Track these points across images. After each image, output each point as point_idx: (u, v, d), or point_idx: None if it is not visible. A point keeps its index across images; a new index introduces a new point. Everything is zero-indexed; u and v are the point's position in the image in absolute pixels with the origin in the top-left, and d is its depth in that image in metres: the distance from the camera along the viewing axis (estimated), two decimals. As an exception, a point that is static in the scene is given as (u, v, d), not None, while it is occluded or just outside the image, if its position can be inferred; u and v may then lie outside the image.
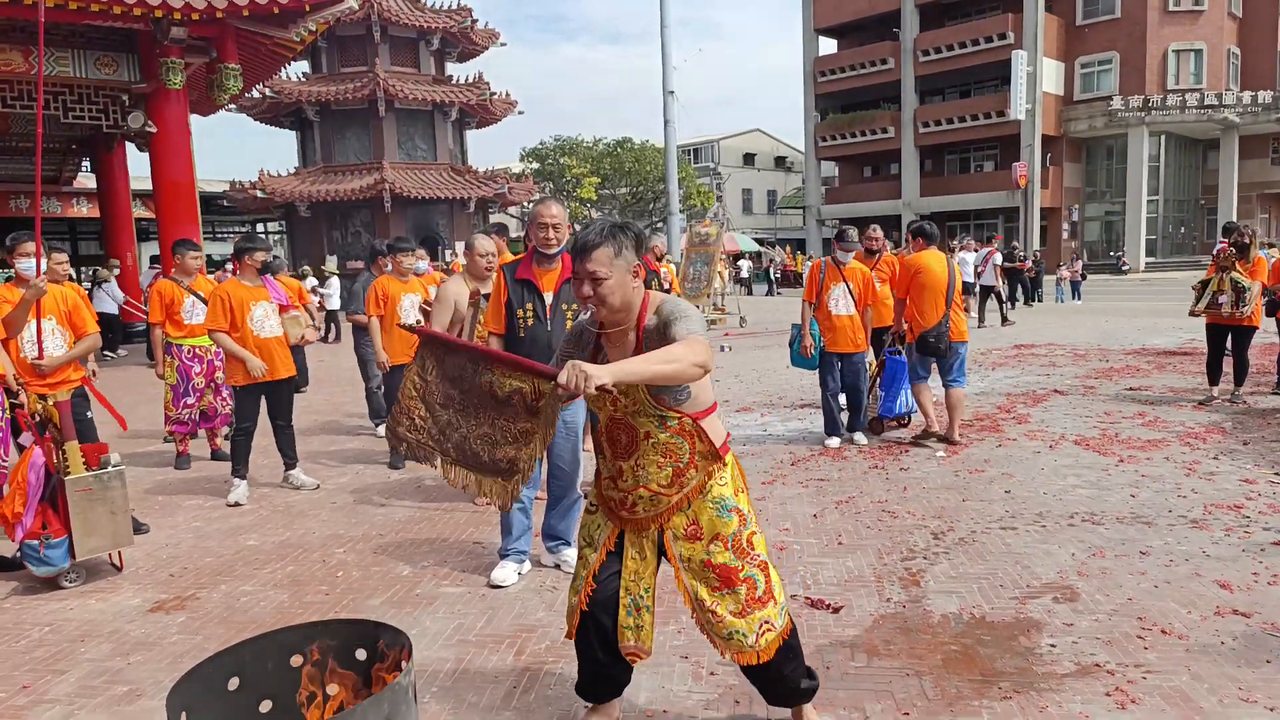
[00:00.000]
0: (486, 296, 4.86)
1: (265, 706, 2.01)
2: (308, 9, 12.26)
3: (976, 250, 16.37)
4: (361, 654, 2.05)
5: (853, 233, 6.58)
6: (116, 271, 15.47)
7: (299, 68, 23.22)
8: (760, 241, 44.01)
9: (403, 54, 23.14)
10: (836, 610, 3.47)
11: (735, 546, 2.30)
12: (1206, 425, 6.62)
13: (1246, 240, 7.18)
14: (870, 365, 6.84)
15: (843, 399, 6.63)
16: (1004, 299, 16.18)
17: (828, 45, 42.74)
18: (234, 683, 1.96)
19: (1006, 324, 15.14)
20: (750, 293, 29.93)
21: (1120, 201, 36.72)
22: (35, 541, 3.95)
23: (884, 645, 3.16)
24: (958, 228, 37.72)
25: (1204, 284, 7.39)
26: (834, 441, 6.44)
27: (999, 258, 16.36)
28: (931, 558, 4.03)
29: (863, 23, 39.81)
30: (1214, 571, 3.71)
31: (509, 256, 5.26)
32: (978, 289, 15.59)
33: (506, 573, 3.95)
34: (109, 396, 4.90)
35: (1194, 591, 3.51)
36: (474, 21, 23.80)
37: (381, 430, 7.56)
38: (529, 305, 3.86)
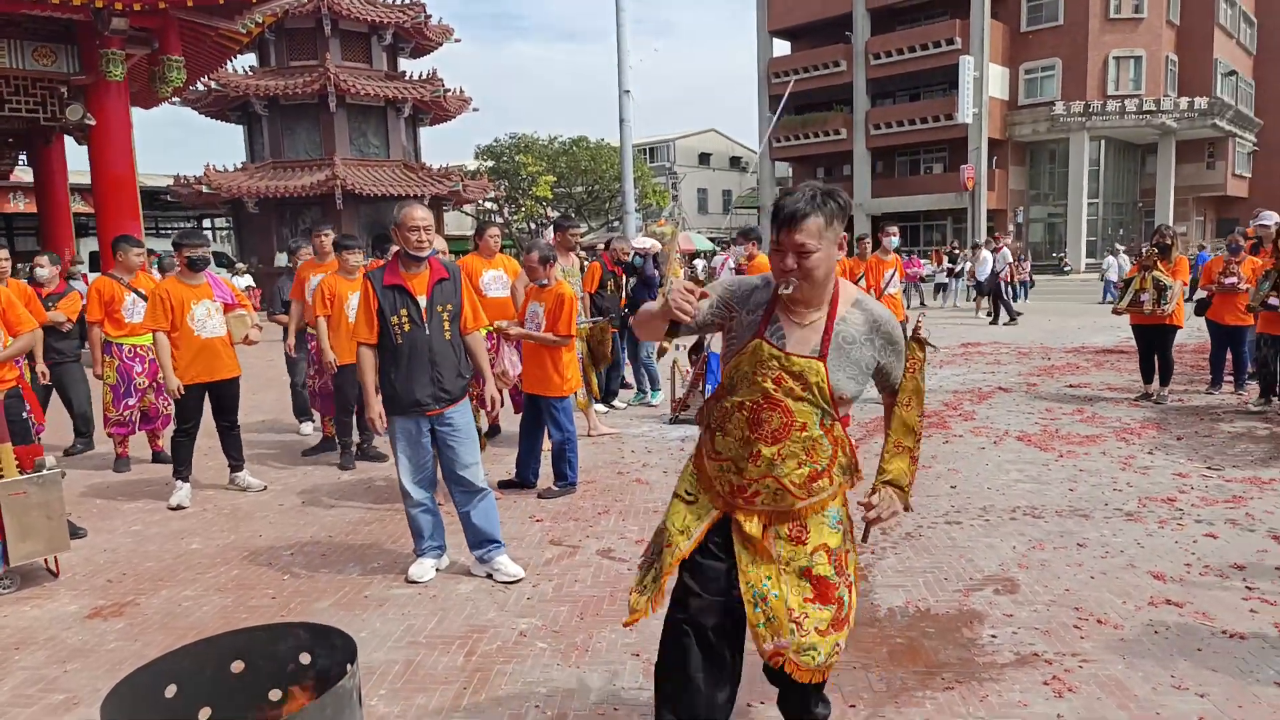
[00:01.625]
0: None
1: (204, 714, 1.97)
2: (254, 1, 11.99)
3: (999, 250, 16.76)
4: (305, 658, 2.02)
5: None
6: (84, 267, 15.09)
7: (246, 60, 22.68)
8: (715, 241, 44.24)
9: (354, 48, 22.75)
10: (786, 606, 3.51)
11: (836, 562, 2.17)
12: (1141, 421, 6.85)
13: (1168, 241, 7.47)
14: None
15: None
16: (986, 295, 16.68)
17: (782, 47, 43.14)
18: (171, 690, 1.92)
19: (1006, 322, 15.51)
20: (706, 292, 30.06)
21: (1062, 204, 37.74)
22: (-36, 548, 3.81)
23: (832, 639, 3.20)
24: (908, 228, 38.42)
25: (1127, 283, 7.66)
26: None
27: (1007, 255, 16.91)
28: (879, 552, 4.10)
29: (816, 25, 40.25)
30: (1148, 563, 3.85)
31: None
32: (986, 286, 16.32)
33: (424, 569, 3.96)
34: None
35: (1129, 582, 3.63)
36: (427, 17, 23.50)
37: (306, 428, 7.43)
38: (403, 311, 3.79)
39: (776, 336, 2.10)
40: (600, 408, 7.74)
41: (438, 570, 4.02)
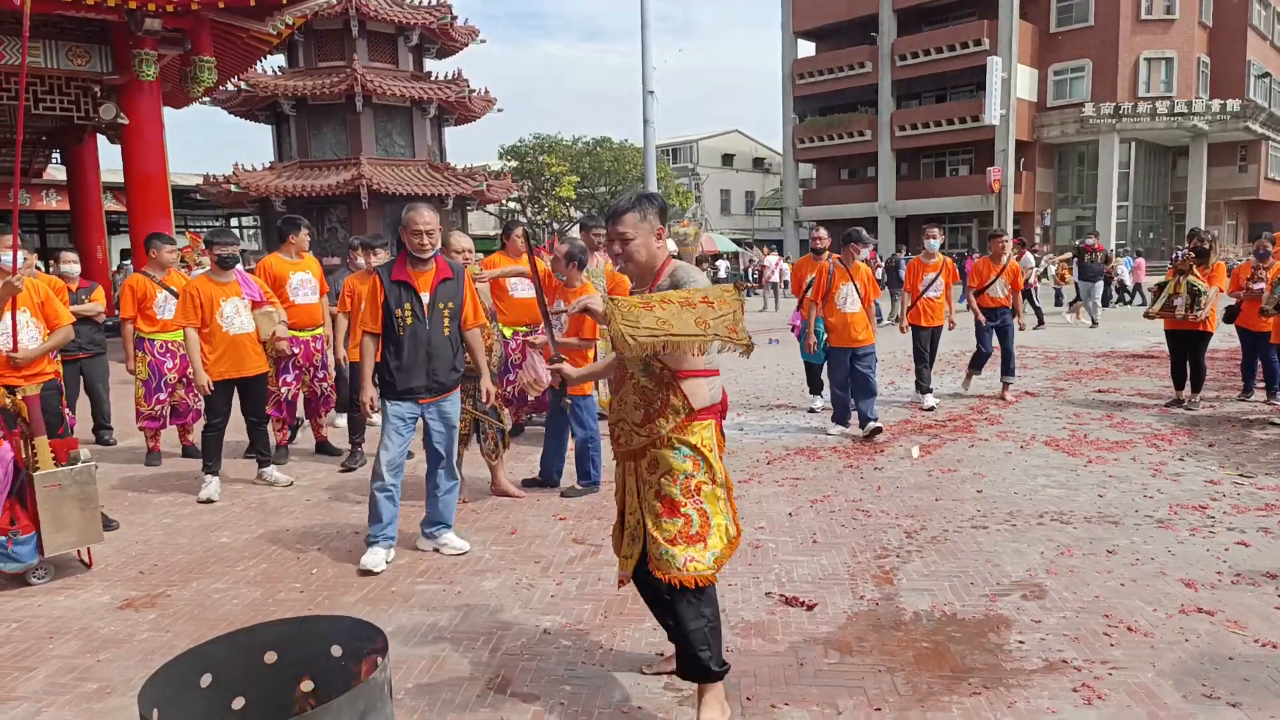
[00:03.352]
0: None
1: (238, 704, 1.99)
2: (284, 2, 12.13)
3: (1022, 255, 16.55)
4: (337, 650, 2.05)
5: (866, 233, 7.08)
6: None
7: (275, 61, 22.94)
8: (738, 242, 44.19)
9: (381, 49, 22.92)
10: (810, 608, 3.51)
11: (684, 487, 2.55)
12: (1172, 427, 6.75)
13: (1206, 246, 7.32)
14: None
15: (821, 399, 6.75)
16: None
17: (806, 48, 42.97)
18: (206, 679, 1.94)
19: (1035, 326, 15.34)
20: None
21: (1091, 207, 37.26)
22: (3, 537, 3.89)
23: (857, 642, 3.19)
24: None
25: (1161, 286, 7.54)
26: (836, 429, 6.83)
27: (1030, 259, 16.69)
28: (904, 556, 4.08)
29: (841, 26, 40.05)
30: (1179, 570, 3.79)
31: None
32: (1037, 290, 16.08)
33: (377, 558, 4.11)
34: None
35: (1159, 590, 3.58)
36: (453, 18, 23.61)
37: (341, 421, 7.50)
38: (407, 305, 4.06)
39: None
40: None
41: (388, 562, 4.17)
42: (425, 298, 4.08)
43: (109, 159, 16.01)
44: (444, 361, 4.13)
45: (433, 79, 23.82)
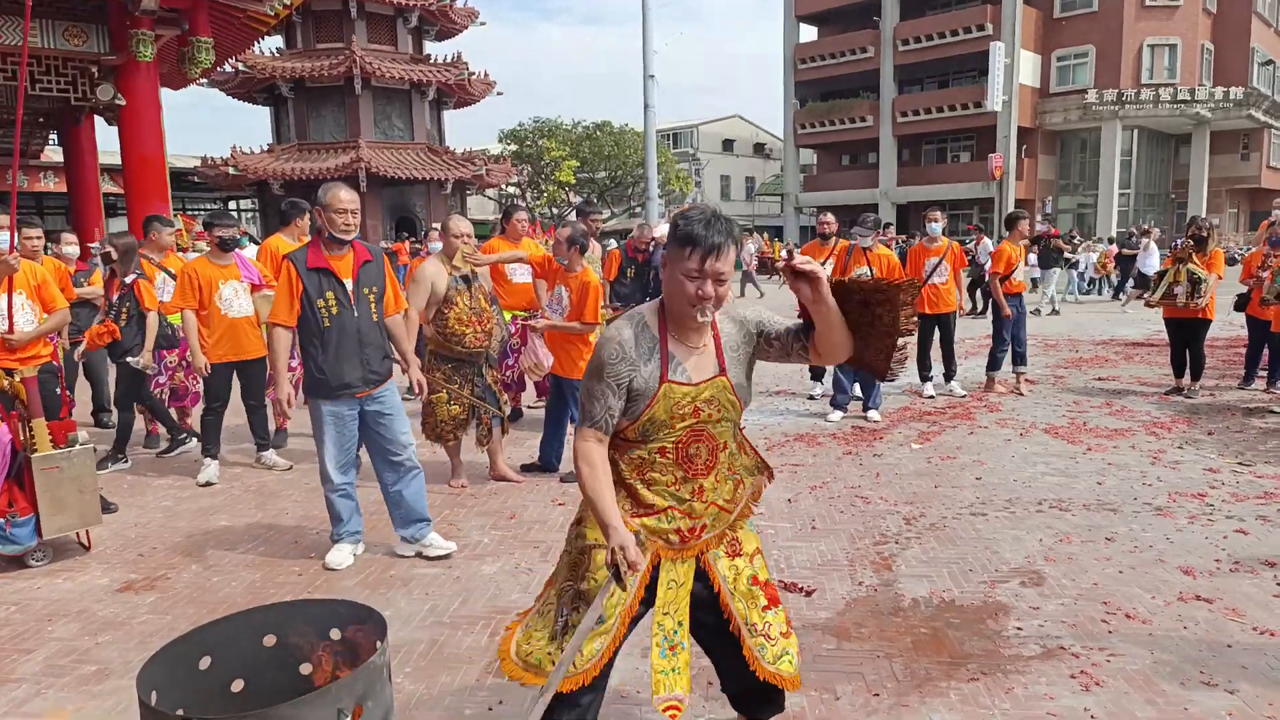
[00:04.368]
0: (464, 278, 4.85)
1: (237, 686, 1.99)
2: (283, -18, 12.02)
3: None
4: (335, 634, 2.04)
5: (872, 218, 6.96)
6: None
7: (273, 43, 22.78)
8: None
9: (380, 31, 22.77)
10: (809, 594, 3.51)
11: (766, 561, 2.25)
12: (1172, 415, 6.75)
13: (1204, 234, 7.29)
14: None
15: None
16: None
17: (809, 33, 42.69)
18: (205, 662, 1.94)
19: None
20: (728, 279, 29.92)
21: (1093, 194, 37.14)
22: (1, 520, 3.89)
23: (855, 628, 3.20)
24: (934, 218, 37.96)
25: (1161, 275, 7.51)
26: (836, 415, 6.86)
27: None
28: (903, 542, 4.08)
29: (844, 10, 39.78)
30: (1177, 558, 3.80)
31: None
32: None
33: (343, 555, 3.97)
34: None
35: (1158, 577, 3.59)
36: (453, 0, 23.48)
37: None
38: (329, 294, 3.76)
39: (681, 373, 2.04)
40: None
41: (355, 556, 4.02)
42: (349, 284, 3.78)
43: (107, 141, 15.92)
44: (376, 350, 3.86)
45: (432, 62, 23.69)
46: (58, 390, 4.68)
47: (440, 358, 4.95)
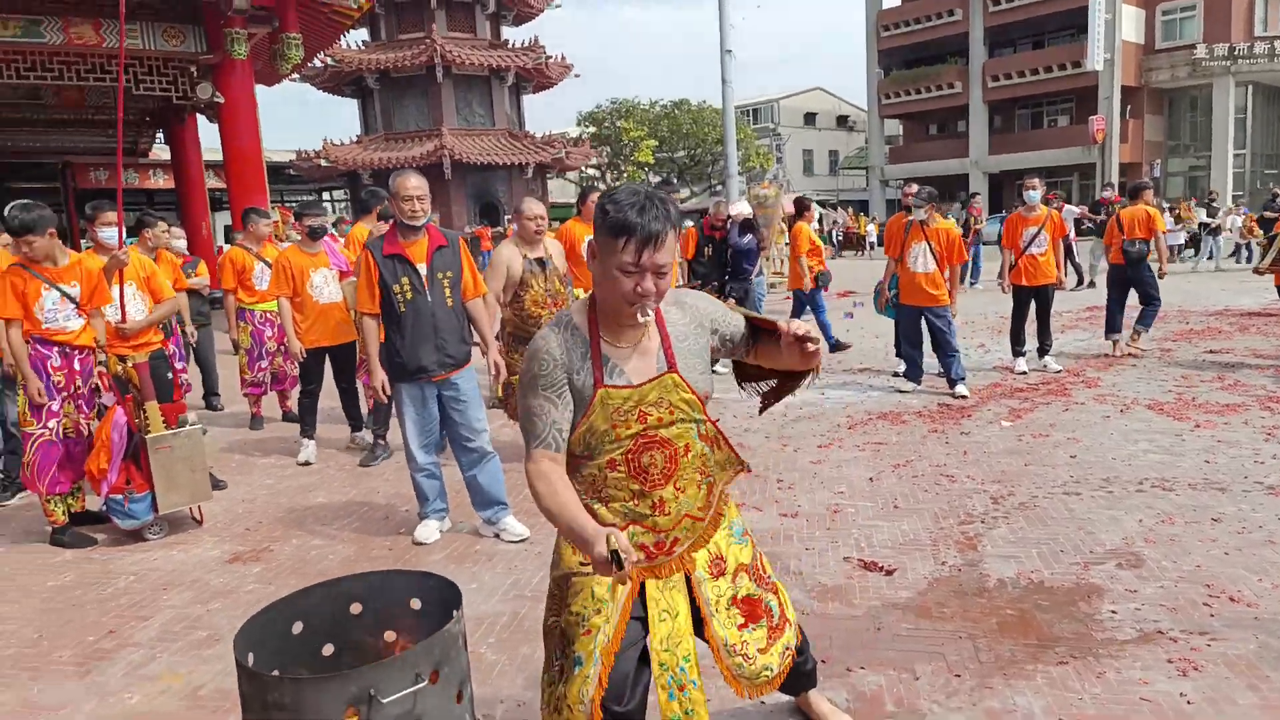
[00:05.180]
0: (538, 260, 4.91)
1: (327, 650, 2.10)
2: (365, -24, 12.36)
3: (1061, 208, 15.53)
4: (416, 604, 2.13)
5: (926, 189, 6.82)
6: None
7: (358, 36, 23.45)
8: (821, 204, 43.07)
9: (459, 19, 23.16)
10: (890, 573, 3.45)
11: (755, 574, 2.06)
12: (1290, 389, 6.31)
13: None
14: None
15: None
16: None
17: (892, -1, 41.32)
18: (298, 627, 2.06)
19: (1075, 287, 14.47)
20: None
21: (1205, 155, 34.84)
22: (120, 496, 4.18)
23: (937, 608, 3.13)
24: (1029, 186, 36.32)
25: (1271, 239, 7.00)
26: (909, 386, 6.84)
27: (1072, 211, 15.53)
28: (990, 522, 3.96)
29: (930, -28, 38.29)
30: (1291, 539, 3.57)
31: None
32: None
33: (430, 530, 4.10)
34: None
35: (1266, 559, 3.38)
36: (529, -16, 23.69)
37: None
38: (404, 280, 3.84)
39: (618, 375, 1.84)
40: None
41: (442, 532, 4.14)
42: (422, 269, 3.85)
43: (209, 138, 16.73)
44: (452, 334, 3.91)
45: (510, 47, 23.95)
46: (169, 375, 5.00)
47: (519, 339, 5.04)
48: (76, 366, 4.23)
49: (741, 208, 8.02)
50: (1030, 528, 3.87)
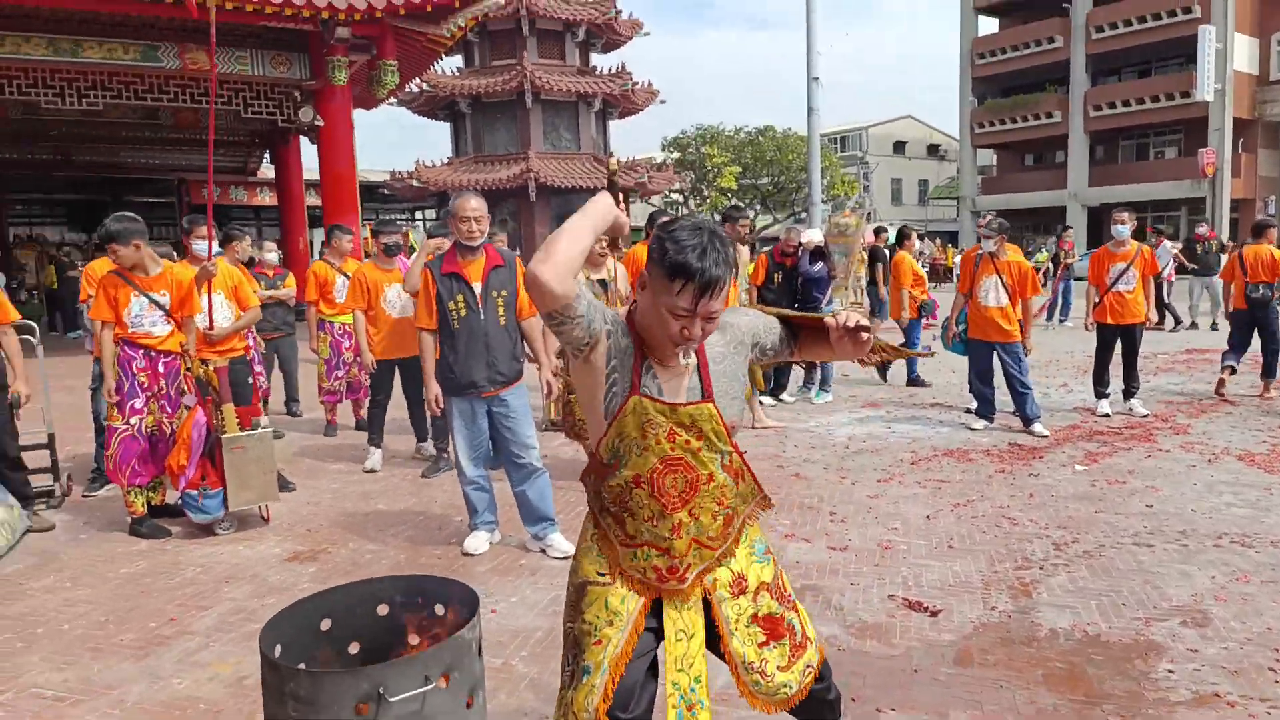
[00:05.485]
0: (600, 282, 4.99)
1: (354, 648, 2.18)
2: (457, 6, 12.85)
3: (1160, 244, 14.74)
4: (439, 609, 2.18)
5: (997, 221, 6.68)
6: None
7: (453, 62, 24.33)
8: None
9: (549, 46, 23.78)
10: (934, 614, 3.35)
11: (777, 593, 2.03)
12: (1403, 445, 5.85)
13: None
14: None
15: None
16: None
17: (988, 25, 40.39)
18: (326, 623, 2.14)
19: (1173, 328, 13.72)
20: (894, 286, 28.87)
21: (1327, 193, 32.74)
22: (195, 492, 4.42)
23: (980, 654, 3.02)
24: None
25: None
26: (979, 424, 6.66)
27: (1169, 247, 14.65)
28: (1049, 569, 3.80)
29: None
30: (1382, 607, 3.30)
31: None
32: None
33: (479, 541, 4.18)
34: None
35: (1352, 627, 3.14)
36: (618, 12, 24.14)
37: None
38: (459, 297, 3.97)
39: (655, 388, 1.82)
40: (767, 400, 7.68)
41: (490, 544, 4.21)
42: (477, 288, 3.98)
43: (310, 158, 17.62)
44: (503, 352, 4.01)
45: (597, 73, 24.44)
46: (249, 380, 5.28)
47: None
48: (160, 369, 4.51)
49: (813, 235, 7.93)
50: (1092, 578, 3.69)
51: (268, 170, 23.65)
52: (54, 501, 5.07)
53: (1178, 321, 13.73)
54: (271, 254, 7.92)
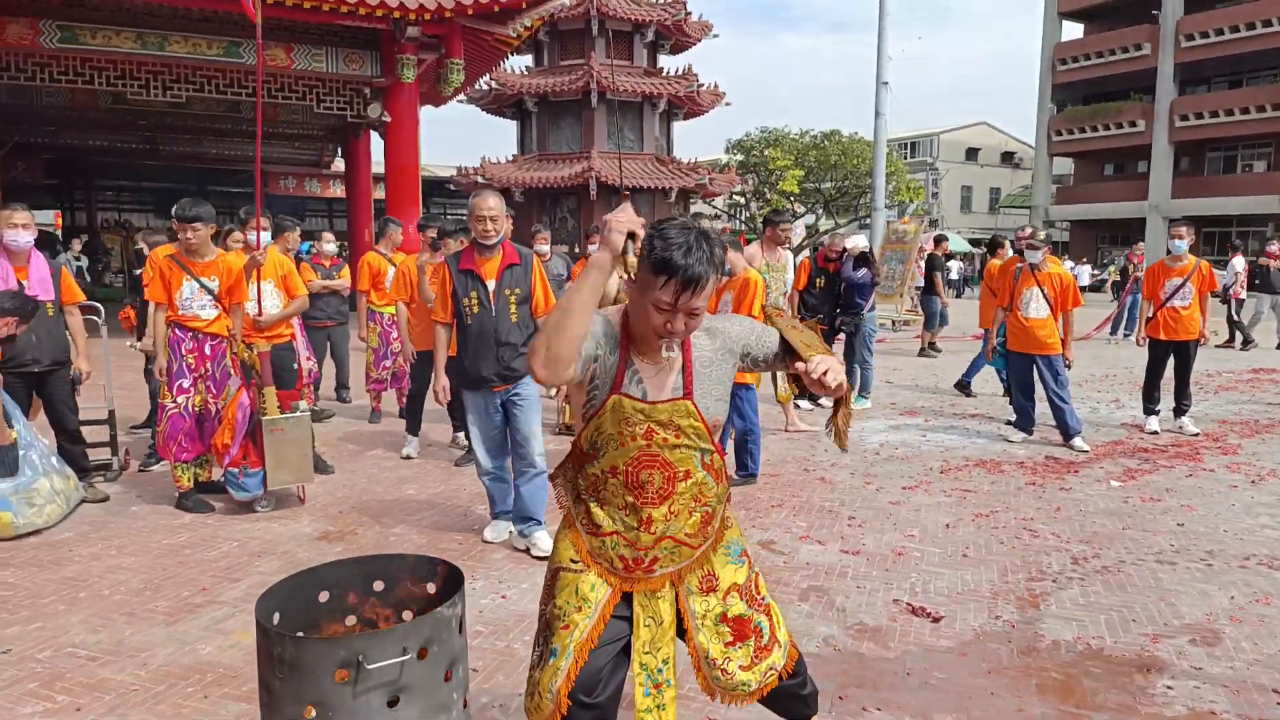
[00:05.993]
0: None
1: (350, 620, 2.31)
2: (524, 6, 13.10)
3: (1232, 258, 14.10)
4: (430, 587, 2.31)
5: (1043, 233, 6.60)
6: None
7: (522, 61, 24.72)
8: (974, 242, 41.31)
9: (618, 47, 23.95)
10: (936, 620, 3.35)
11: (748, 595, 2.07)
12: None
13: None
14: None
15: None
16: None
17: (1072, 30, 39.13)
18: (324, 596, 2.28)
19: (1244, 346, 13.17)
20: (960, 295, 28.27)
21: None
22: (236, 470, 4.67)
23: (976, 661, 3.01)
24: (1217, 234, 33.36)
25: None
26: (1018, 436, 6.59)
27: (1240, 263, 14.01)
28: (1062, 582, 3.75)
29: (1115, 4, 35.97)
30: None
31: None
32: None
33: (498, 531, 4.29)
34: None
35: (1372, 658, 3.03)
36: (688, 14, 24.17)
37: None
38: (474, 294, 4.04)
39: (635, 386, 1.89)
40: (805, 404, 7.66)
41: (510, 533, 4.30)
42: (491, 285, 4.03)
43: (379, 152, 18.17)
44: (513, 349, 4.03)
45: (664, 74, 24.53)
46: (293, 365, 5.52)
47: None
48: (207, 351, 4.78)
49: (857, 241, 7.87)
50: (1106, 593, 3.63)
51: (340, 164, 24.44)
52: (111, 475, 5.40)
53: (1247, 341, 13.16)
54: (330, 245, 8.22)
